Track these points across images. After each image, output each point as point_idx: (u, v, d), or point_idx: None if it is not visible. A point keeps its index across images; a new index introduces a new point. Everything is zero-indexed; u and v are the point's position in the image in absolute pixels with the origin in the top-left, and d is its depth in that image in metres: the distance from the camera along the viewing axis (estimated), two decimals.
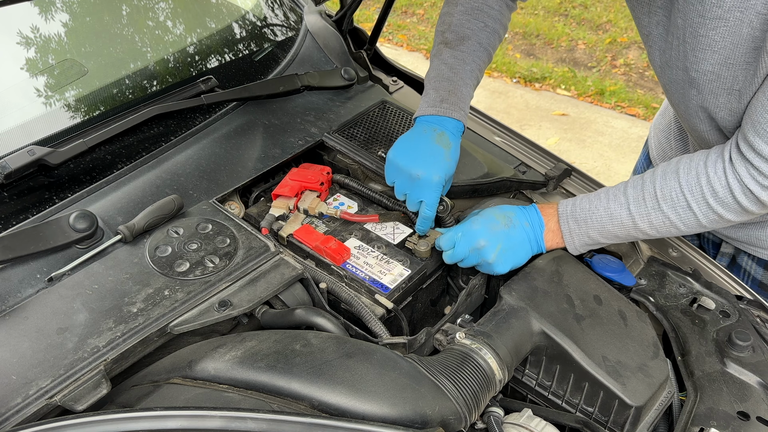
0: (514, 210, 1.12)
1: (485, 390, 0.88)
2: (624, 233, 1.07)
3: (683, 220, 1.02)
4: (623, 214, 1.05)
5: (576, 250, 1.12)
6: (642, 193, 1.04)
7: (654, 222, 1.03)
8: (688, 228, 1.03)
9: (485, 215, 1.11)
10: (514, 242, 1.09)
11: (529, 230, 1.10)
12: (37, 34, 1.29)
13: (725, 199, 0.98)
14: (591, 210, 1.07)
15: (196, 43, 1.47)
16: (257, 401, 0.79)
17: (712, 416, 0.93)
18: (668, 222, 1.03)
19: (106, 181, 1.17)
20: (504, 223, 1.10)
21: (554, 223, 1.11)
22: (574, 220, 1.09)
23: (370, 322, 1.00)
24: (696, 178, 0.99)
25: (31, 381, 0.84)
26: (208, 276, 1.02)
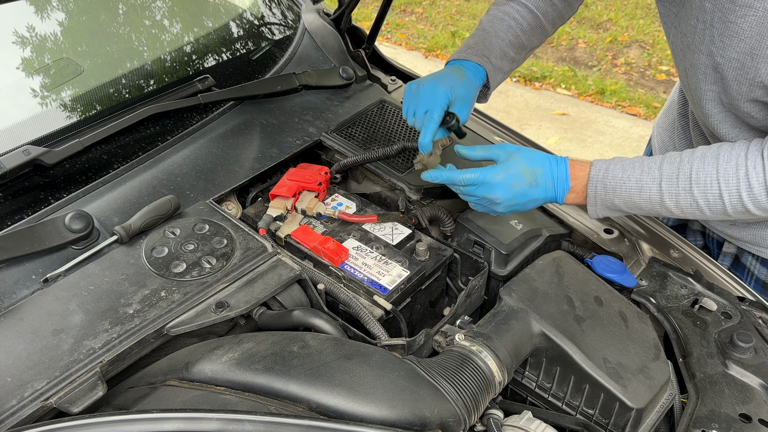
0: (543, 166, 1.08)
1: (485, 392, 0.87)
2: (648, 207, 1.06)
3: (711, 207, 1.01)
4: (653, 188, 1.03)
5: (596, 213, 1.11)
6: (677, 171, 1.02)
7: (681, 202, 1.02)
8: (714, 215, 1.02)
9: (511, 169, 1.07)
10: (529, 199, 1.09)
11: (551, 191, 1.09)
12: (32, 32, 1.28)
13: (759, 195, 0.97)
14: (623, 179, 1.05)
15: (193, 42, 1.47)
16: (255, 403, 0.79)
17: (713, 418, 0.92)
18: (695, 205, 1.02)
19: (102, 181, 1.17)
20: (528, 180, 1.07)
21: (581, 186, 1.09)
22: (603, 186, 1.07)
23: (368, 323, 1.00)
24: (735, 168, 0.98)
25: (27, 383, 0.84)
26: (205, 277, 1.01)
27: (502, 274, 1.16)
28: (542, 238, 1.22)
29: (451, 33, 4.96)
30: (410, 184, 1.24)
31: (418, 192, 1.24)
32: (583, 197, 1.09)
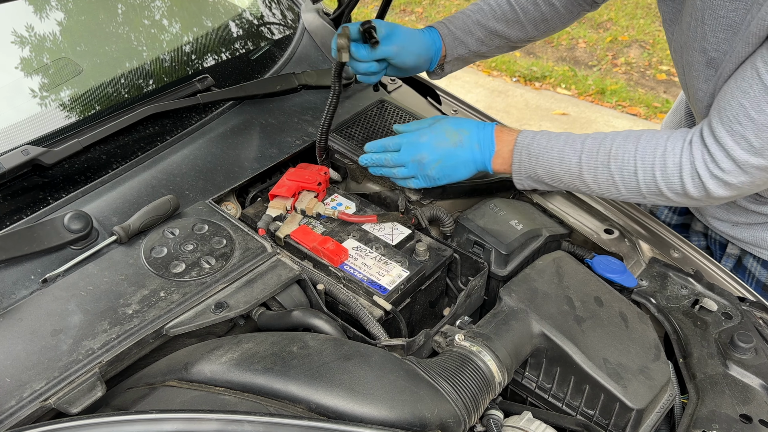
0: (469, 128, 1.13)
1: (485, 393, 0.87)
2: (568, 180, 1.08)
3: (626, 184, 1.02)
4: (573, 160, 1.05)
5: (521, 182, 1.13)
6: (599, 146, 1.04)
7: (599, 177, 1.04)
8: (629, 193, 1.04)
9: (436, 131, 1.13)
10: (457, 161, 1.11)
11: (477, 152, 1.11)
12: (31, 32, 1.28)
13: (672, 176, 0.98)
14: (547, 148, 1.08)
15: (192, 41, 1.47)
16: (254, 404, 0.79)
17: (714, 419, 0.92)
18: (611, 181, 1.03)
19: (101, 181, 1.16)
20: (453, 140, 1.11)
21: (507, 150, 1.11)
22: (527, 153, 1.09)
23: (368, 323, 1.00)
24: (653, 148, 1.00)
25: (25, 383, 0.84)
26: (204, 277, 1.01)
27: (502, 275, 1.16)
28: (542, 238, 1.21)
29: None
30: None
31: (418, 192, 1.24)
32: (509, 163, 1.11)
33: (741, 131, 0.92)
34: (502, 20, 1.30)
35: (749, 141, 0.92)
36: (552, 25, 1.34)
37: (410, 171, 1.15)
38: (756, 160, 0.93)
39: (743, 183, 0.96)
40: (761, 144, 0.91)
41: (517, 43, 1.35)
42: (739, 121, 0.92)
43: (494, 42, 1.32)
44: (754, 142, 0.92)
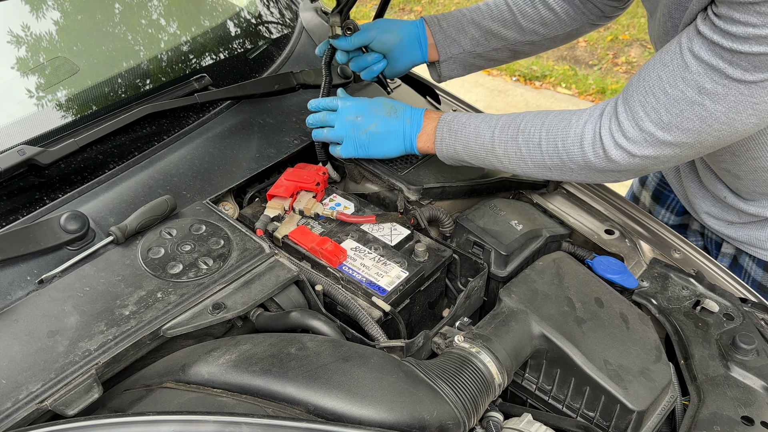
0: (403, 106, 1.19)
1: (484, 394, 0.86)
2: (483, 156, 1.11)
3: (532, 157, 1.05)
4: (487, 135, 1.08)
5: (444, 159, 1.17)
6: (511, 122, 1.07)
7: (508, 151, 1.07)
8: (535, 167, 1.06)
9: (375, 100, 1.20)
10: (387, 129, 1.16)
11: (408, 126, 1.16)
12: (27, 31, 1.27)
13: (572, 147, 1.00)
14: (465, 124, 1.11)
15: (190, 40, 1.46)
16: (252, 406, 0.78)
17: (715, 421, 0.92)
18: (519, 155, 1.06)
19: (97, 181, 1.16)
20: (387, 111, 1.18)
21: (432, 127, 1.15)
22: (448, 129, 1.13)
23: (366, 325, 0.99)
24: (558, 121, 1.02)
25: (21, 385, 0.83)
26: (201, 278, 1.00)
27: (501, 275, 1.16)
28: (542, 238, 1.21)
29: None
30: (409, 184, 1.24)
31: (417, 192, 1.23)
32: (432, 139, 1.15)
33: (654, 103, 0.92)
34: (498, 20, 1.29)
35: (659, 114, 0.92)
36: (553, 30, 1.31)
37: (341, 131, 1.20)
38: (662, 134, 0.93)
39: (647, 156, 0.96)
40: (670, 119, 0.91)
41: (517, 46, 1.33)
42: (653, 92, 0.92)
43: (491, 43, 1.31)
44: (663, 116, 0.92)
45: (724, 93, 0.86)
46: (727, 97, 0.87)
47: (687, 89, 0.89)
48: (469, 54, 1.32)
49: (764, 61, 0.82)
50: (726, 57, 0.84)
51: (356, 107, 1.19)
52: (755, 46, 0.80)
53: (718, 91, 0.86)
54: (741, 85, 0.85)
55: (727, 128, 0.90)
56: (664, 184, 1.50)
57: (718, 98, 0.87)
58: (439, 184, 1.25)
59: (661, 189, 1.51)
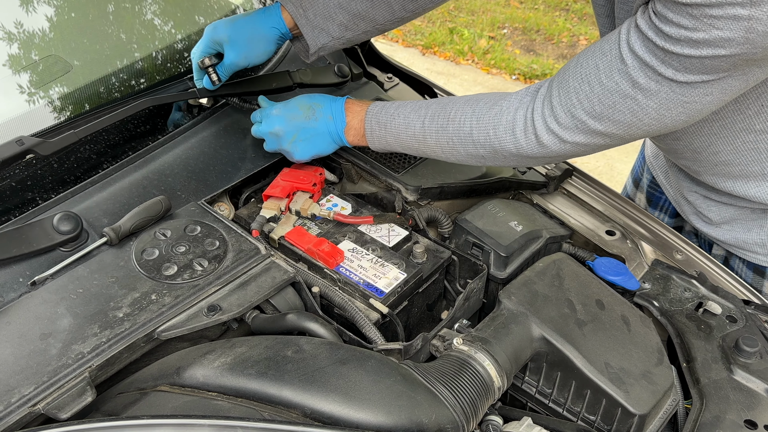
0: (322, 102, 1.16)
1: (483, 398, 0.86)
2: (416, 146, 1.09)
3: (464, 146, 1.04)
4: (417, 126, 1.07)
5: (377, 150, 1.16)
6: (440, 110, 1.05)
7: (440, 141, 1.06)
8: (468, 156, 1.05)
9: (289, 105, 1.17)
10: (312, 134, 1.14)
11: (331, 124, 1.14)
12: (20, 29, 1.26)
13: (504, 134, 0.99)
14: (393, 116, 1.09)
15: (185, 38, 1.45)
16: (248, 409, 0.78)
17: (718, 425, 0.91)
18: (450, 144, 1.05)
19: (91, 181, 1.15)
20: (306, 114, 1.15)
21: (358, 121, 1.13)
22: (377, 122, 1.11)
23: (364, 327, 0.99)
24: (488, 108, 1.01)
25: (14, 388, 0.82)
26: (196, 280, 0.99)
27: (501, 277, 1.15)
28: (542, 239, 1.21)
29: (449, 29, 4.95)
30: (407, 184, 1.23)
31: (415, 192, 1.23)
32: (361, 133, 1.13)
33: (588, 92, 0.91)
34: (366, 1, 1.23)
35: (592, 104, 0.91)
36: (422, 4, 1.27)
37: (271, 145, 1.19)
38: (594, 123, 0.93)
39: (577, 143, 0.96)
40: (602, 110, 0.91)
41: (384, 25, 1.28)
42: (589, 81, 0.91)
43: (360, 26, 1.26)
44: (596, 106, 0.91)
45: (657, 90, 0.86)
46: (659, 93, 0.86)
47: (621, 81, 0.88)
48: (338, 40, 1.27)
49: (695, 63, 0.80)
50: (659, 55, 0.83)
51: (273, 120, 1.16)
52: (686, 48, 0.79)
53: (651, 87, 0.86)
54: (673, 84, 0.84)
55: (656, 123, 0.90)
56: (655, 185, 1.50)
57: (651, 94, 0.86)
58: (437, 185, 1.24)
59: (652, 191, 1.51)
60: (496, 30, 4.97)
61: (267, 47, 1.24)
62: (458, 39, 4.85)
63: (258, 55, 1.24)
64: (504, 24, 5.05)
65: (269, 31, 1.23)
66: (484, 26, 4.99)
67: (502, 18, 5.09)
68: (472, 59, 4.66)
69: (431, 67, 4.55)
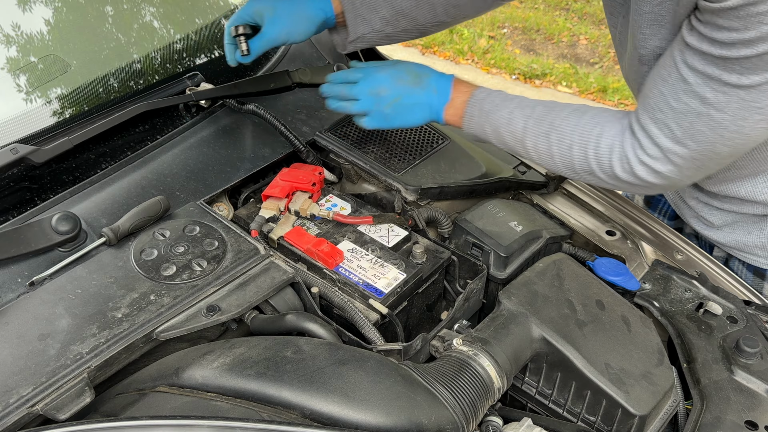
0: (430, 73, 1.14)
1: (483, 398, 0.86)
2: (512, 143, 1.08)
3: (561, 157, 1.03)
4: (519, 125, 1.05)
5: (468, 136, 1.14)
6: (546, 114, 1.04)
7: (538, 146, 1.04)
8: (564, 167, 1.04)
9: (398, 68, 1.14)
10: (413, 101, 1.11)
11: (434, 97, 1.11)
12: (17, 29, 1.26)
13: (602, 157, 0.99)
14: (498, 106, 1.08)
15: (184, 38, 1.45)
16: (247, 410, 0.78)
17: (718, 426, 0.91)
18: (549, 153, 1.04)
19: (89, 181, 1.15)
20: (413, 80, 1.12)
21: (461, 101, 1.11)
22: (479, 108, 1.09)
23: (363, 327, 0.98)
24: (592, 126, 1.00)
25: (12, 389, 0.82)
26: (195, 280, 0.99)
27: (501, 277, 1.15)
28: (542, 240, 1.20)
29: (449, 29, 4.95)
30: (407, 184, 1.22)
31: (415, 193, 1.22)
32: (459, 115, 1.11)
33: (663, 119, 0.92)
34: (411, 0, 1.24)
35: (671, 129, 0.92)
36: (464, 11, 1.28)
37: (365, 105, 1.14)
38: (679, 148, 0.93)
39: (671, 171, 0.96)
40: (682, 133, 0.91)
41: (425, 26, 1.29)
42: (660, 108, 0.92)
43: (401, 23, 1.26)
44: (675, 131, 0.92)
45: (726, 101, 0.86)
46: (729, 104, 0.86)
47: (690, 101, 0.89)
48: (377, 34, 1.27)
49: (755, 63, 0.81)
50: (719, 64, 0.84)
51: (379, 79, 1.13)
52: (742, 49, 0.80)
53: (720, 100, 0.86)
54: (741, 91, 0.85)
55: (738, 136, 0.90)
56: None
57: (722, 106, 0.87)
58: (437, 185, 1.24)
59: None
60: (496, 29, 4.97)
61: (309, 28, 1.22)
62: (458, 38, 4.84)
63: (299, 34, 1.21)
64: (504, 23, 5.05)
65: (315, 12, 1.21)
66: (483, 26, 4.98)
67: (502, 17, 5.09)
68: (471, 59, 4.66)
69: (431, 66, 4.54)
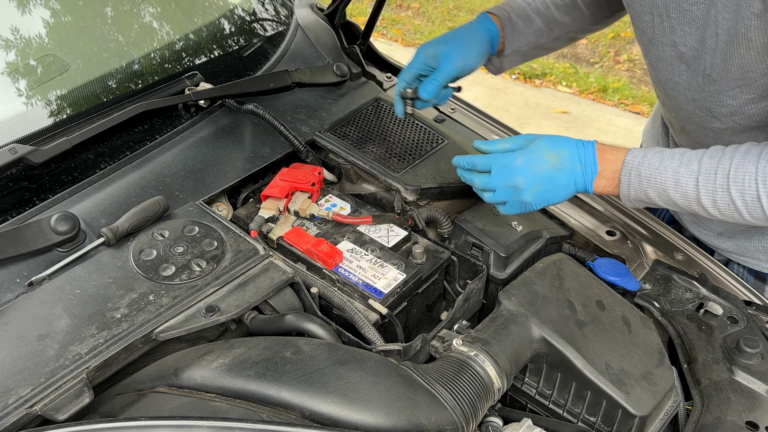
0: (568, 148, 1.03)
1: (483, 399, 0.86)
2: (684, 203, 0.98)
3: (749, 210, 0.93)
4: (690, 183, 0.96)
5: (630, 202, 1.04)
6: (717, 166, 0.94)
7: (718, 202, 0.95)
8: (755, 219, 0.95)
9: (533, 152, 1.02)
10: (557, 185, 1.02)
11: (579, 173, 1.02)
12: (16, 28, 1.25)
13: None
14: (659, 169, 0.98)
15: (183, 38, 1.44)
16: (246, 411, 0.78)
17: (719, 426, 0.91)
18: (733, 206, 0.94)
19: (88, 181, 1.14)
20: (552, 163, 1.02)
21: (612, 171, 1.01)
22: (637, 174, 1.00)
23: (363, 328, 0.98)
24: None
25: (11, 390, 0.82)
26: (194, 280, 0.99)
27: (501, 278, 1.15)
28: (542, 240, 1.20)
29: (449, 29, 4.93)
30: (406, 184, 1.22)
31: (415, 193, 1.22)
32: (614, 185, 1.02)
33: None
34: (561, 7, 1.25)
35: None
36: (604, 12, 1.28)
37: (502, 196, 1.05)
38: None
39: None
40: None
41: (576, 33, 1.29)
42: None
43: (554, 32, 1.26)
44: None
45: None
46: None
47: None
48: (533, 45, 1.27)
49: None
50: None
51: (513, 170, 1.02)
52: None
53: None
54: None
55: None
56: None
57: None
58: (436, 185, 1.24)
59: None
60: None
61: (481, 48, 1.22)
62: None
63: (473, 57, 1.21)
64: None
65: (482, 33, 1.22)
66: None
67: None
68: None
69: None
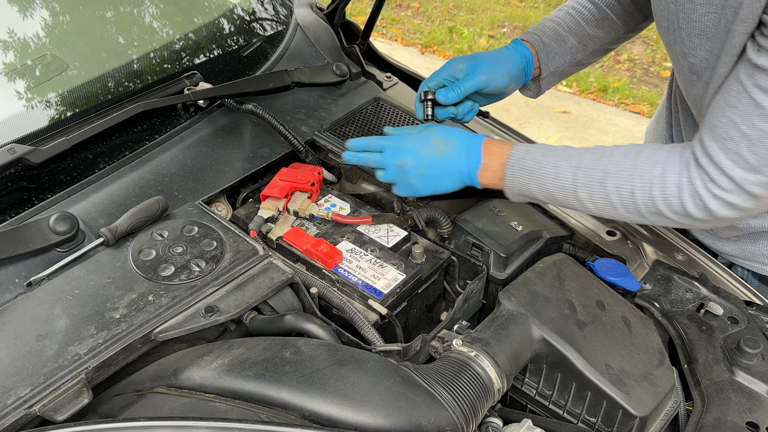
0: (457, 138, 1.08)
1: (483, 399, 0.86)
2: (562, 198, 1.02)
3: (624, 204, 0.98)
4: (568, 177, 1.00)
5: (513, 196, 1.08)
6: (596, 162, 0.99)
7: (594, 196, 0.99)
8: (628, 213, 0.99)
9: (424, 136, 1.09)
10: (442, 171, 1.07)
11: (464, 163, 1.06)
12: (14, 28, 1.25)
13: (671, 197, 0.94)
14: (540, 163, 1.02)
15: (182, 37, 1.44)
16: (245, 411, 0.78)
17: (719, 427, 0.91)
18: (608, 200, 0.98)
19: (87, 181, 1.14)
20: (439, 149, 1.07)
21: (498, 164, 1.05)
22: (520, 168, 1.04)
23: (363, 328, 0.98)
24: (651, 166, 0.95)
25: (9, 390, 0.82)
26: (193, 281, 0.99)
27: (501, 278, 1.15)
28: (543, 240, 1.20)
29: (449, 28, 4.94)
30: None
31: None
32: (500, 177, 1.06)
33: (735, 148, 0.88)
34: (591, 22, 1.24)
35: (745, 158, 0.88)
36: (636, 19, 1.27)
37: (391, 176, 1.11)
38: (755, 177, 0.88)
39: (747, 202, 0.91)
40: (758, 160, 0.87)
41: (611, 44, 1.29)
42: (731, 137, 0.88)
43: (588, 47, 1.26)
44: (750, 159, 0.87)
45: None
46: None
47: (765, 125, 0.85)
48: (569, 63, 1.26)
49: None
50: None
51: (402, 150, 1.09)
52: None
53: None
54: None
55: None
56: None
57: None
58: None
59: None
60: (495, 29, 4.96)
61: (510, 68, 1.20)
62: (458, 38, 4.84)
63: (501, 75, 1.19)
64: (504, 23, 5.04)
65: (515, 55, 1.21)
66: (483, 25, 4.98)
67: (501, 17, 5.08)
68: None
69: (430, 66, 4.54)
